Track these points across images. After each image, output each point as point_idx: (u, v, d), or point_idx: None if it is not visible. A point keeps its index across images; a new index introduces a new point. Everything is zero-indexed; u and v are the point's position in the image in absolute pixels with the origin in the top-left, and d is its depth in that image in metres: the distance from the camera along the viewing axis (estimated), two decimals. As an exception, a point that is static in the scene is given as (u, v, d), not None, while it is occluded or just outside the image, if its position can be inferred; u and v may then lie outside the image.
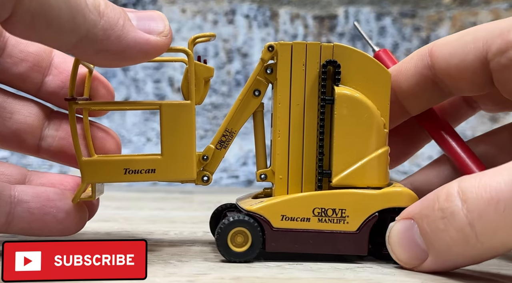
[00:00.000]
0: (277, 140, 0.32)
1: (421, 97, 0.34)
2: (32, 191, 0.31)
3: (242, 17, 0.83)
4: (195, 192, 0.70)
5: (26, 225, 0.31)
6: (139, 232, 0.40)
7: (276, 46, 0.32)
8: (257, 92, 0.33)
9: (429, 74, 0.33)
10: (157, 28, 0.29)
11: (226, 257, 0.31)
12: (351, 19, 0.84)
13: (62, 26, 0.25)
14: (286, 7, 0.84)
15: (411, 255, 0.29)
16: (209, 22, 0.83)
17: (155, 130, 0.82)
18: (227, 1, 0.83)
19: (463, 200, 0.26)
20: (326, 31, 0.83)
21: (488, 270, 0.31)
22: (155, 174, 0.31)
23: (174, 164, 0.31)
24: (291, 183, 0.32)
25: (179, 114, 0.31)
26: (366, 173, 0.32)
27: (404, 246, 0.29)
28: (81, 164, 0.31)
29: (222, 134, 0.33)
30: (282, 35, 0.84)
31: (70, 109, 0.31)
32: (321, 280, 0.28)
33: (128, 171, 0.31)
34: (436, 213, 0.27)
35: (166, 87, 0.82)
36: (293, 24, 0.83)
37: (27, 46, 0.33)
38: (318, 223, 0.31)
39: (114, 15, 0.27)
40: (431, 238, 0.28)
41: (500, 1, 0.77)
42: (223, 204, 0.37)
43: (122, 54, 0.28)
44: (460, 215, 0.26)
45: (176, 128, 0.31)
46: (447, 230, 0.27)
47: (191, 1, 0.82)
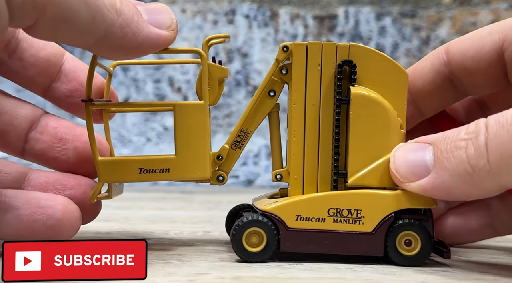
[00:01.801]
0: (292, 140, 0.32)
1: (436, 96, 0.34)
2: (23, 198, 0.31)
3: (242, 17, 0.83)
4: (195, 192, 0.70)
5: (14, 232, 0.30)
6: (139, 232, 0.40)
7: (291, 46, 0.32)
8: (272, 93, 0.33)
9: (445, 71, 0.33)
10: (166, 22, 0.29)
11: (242, 257, 0.31)
12: (351, 19, 0.84)
13: (82, 28, 0.26)
14: (286, 7, 0.84)
15: (412, 170, 0.30)
16: (209, 22, 0.83)
17: (155, 130, 0.82)
18: (227, 1, 0.83)
19: (486, 124, 0.28)
20: (326, 31, 0.83)
21: (488, 270, 0.31)
22: (169, 174, 0.31)
23: (188, 164, 0.32)
24: (306, 183, 0.32)
25: (193, 114, 0.31)
26: (382, 174, 0.31)
27: (409, 161, 0.30)
28: (98, 164, 0.31)
29: (237, 134, 0.33)
30: (282, 35, 0.83)
31: (86, 110, 0.31)
32: (321, 280, 0.28)
33: (143, 171, 0.31)
34: (461, 136, 0.28)
35: (166, 87, 0.82)
36: (293, 24, 0.83)
37: (38, 51, 0.33)
38: (333, 224, 0.31)
39: (129, 12, 0.27)
40: (444, 156, 0.28)
41: (500, 1, 0.77)
42: (240, 204, 0.37)
43: (136, 49, 0.28)
44: (481, 136, 0.27)
45: (189, 128, 0.31)
46: (466, 147, 0.28)
47: (191, 1, 0.82)
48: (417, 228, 0.31)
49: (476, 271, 0.31)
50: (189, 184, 0.87)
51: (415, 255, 0.31)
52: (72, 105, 0.34)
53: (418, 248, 0.31)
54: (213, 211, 0.55)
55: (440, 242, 0.33)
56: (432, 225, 0.33)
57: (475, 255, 0.35)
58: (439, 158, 0.29)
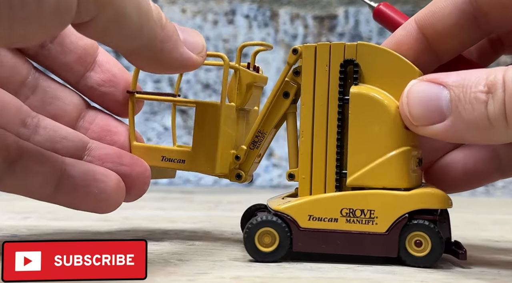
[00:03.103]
0: (301, 140, 0.32)
1: (458, 37, 0.33)
2: (81, 168, 0.32)
3: (242, 17, 0.83)
4: (195, 192, 0.70)
5: (67, 199, 0.32)
6: (139, 232, 0.40)
7: (301, 48, 0.32)
8: (286, 94, 0.33)
9: (470, 9, 0.32)
10: (198, 47, 0.30)
11: (254, 258, 0.31)
12: (351, 19, 0.84)
13: (129, 33, 0.26)
14: (286, 7, 0.84)
15: (427, 114, 0.29)
16: (209, 22, 0.83)
17: (155, 130, 0.82)
18: (227, 1, 0.83)
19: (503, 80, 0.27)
20: (326, 31, 0.83)
21: (488, 270, 0.31)
22: (184, 165, 0.35)
23: (200, 158, 0.34)
24: (314, 183, 0.32)
25: (209, 113, 0.34)
26: (382, 174, 0.31)
27: (424, 103, 0.29)
28: (132, 147, 0.35)
29: (255, 135, 0.34)
30: (282, 35, 0.83)
31: (130, 101, 0.35)
32: (321, 280, 0.28)
33: (164, 158, 0.35)
34: (481, 88, 0.28)
35: (166, 87, 0.82)
36: (293, 24, 0.83)
37: (77, 39, 0.34)
38: (346, 224, 0.31)
39: (170, 29, 0.28)
40: (463, 105, 0.28)
41: None
42: (256, 204, 0.37)
43: (168, 66, 0.29)
44: (499, 92, 0.27)
45: (204, 125, 0.34)
46: (487, 102, 0.27)
47: (191, 1, 0.82)
48: (427, 228, 0.30)
49: (476, 271, 0.31)
50: (189, 183, 0.87)
51: (425, 256, 0.31)
52: (104, 95, 0.35)
53: (429, 249, 0.31)
54: (213, 211, 0.55)
55: (456, 243, 0.32)
56: (448, 226, 0.33)
57: (475, 254, 0.35)
58: (457, 106, 0.28)
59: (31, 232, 0.39)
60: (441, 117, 0.29)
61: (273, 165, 0.83)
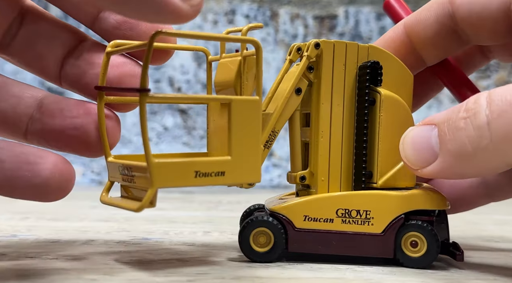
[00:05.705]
0: (320, 141, 0.32)
1: (439, 46, 0.34)
2: (12, 150, 0.28)
3: (242, 17, 0.83)
4: (195, 192, 0.70)
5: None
6: (139, 232, 0.40)
7: (322, 43, 0.32)
8: (299, 91, 0.32)
9: (449, 22, 0.33)
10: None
11: (249, 258, 0.31)
12: (351, 19, 0.84)
13: None
14: (286, 7, 0.84)
15: (421, 157, 0.29)
16: (209, 22, 0.83)
17: (155, 130, 0.82)
18: (227, 1, 0.83)
19: (488, 102, 0.27)
20: (326, 31, 0.83)
21: (488, 270, 0.31)
22: (224, 177, 0.28)
23: (242, 166, 0.29)
24: (331, 185, 0.32)
25: (247, 111, 0.28)
26: (406, 174, 0.31)
27: (417, 147, 0.29)
28: (152, 167, 0.27)
29: (269, 134, 0.33)
30: (282, 35, 0.84)
31: (141, 101, 0.26)
32: (321, 280, 0.28)
33: (199, 174, 0.28)
34: (460, 114, 0.27)
35: (166, 87, 0.82)
36: (293, 24, 0.84)
37: None
38: (341, 224, 0.31)
39: None
40: (446, 138, 0.28)
41: None
42: (256, 204, 0.36)
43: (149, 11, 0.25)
44: (481, 115, 0.27)
45: (244, 126, 0.28)
46: (466, 128, 0.27)
47: (191, 1, 0.82)
48: (422, 229, 0.31)
49: (476, 271, 0.31)
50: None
51: (421, 256, 0.31)
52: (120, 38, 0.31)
53: (424, 250, 0.31)
54: (213, 211, 0.55)
55: (454, 244, 0.32)
56: (447, 228, 0.33)
57: (475, 255, 0.35)
58: (443, 140, 0.28)
59: (31, 232, 0.39)
60: (434, 157, 0.29)
61: (273, 165, 0.83)
